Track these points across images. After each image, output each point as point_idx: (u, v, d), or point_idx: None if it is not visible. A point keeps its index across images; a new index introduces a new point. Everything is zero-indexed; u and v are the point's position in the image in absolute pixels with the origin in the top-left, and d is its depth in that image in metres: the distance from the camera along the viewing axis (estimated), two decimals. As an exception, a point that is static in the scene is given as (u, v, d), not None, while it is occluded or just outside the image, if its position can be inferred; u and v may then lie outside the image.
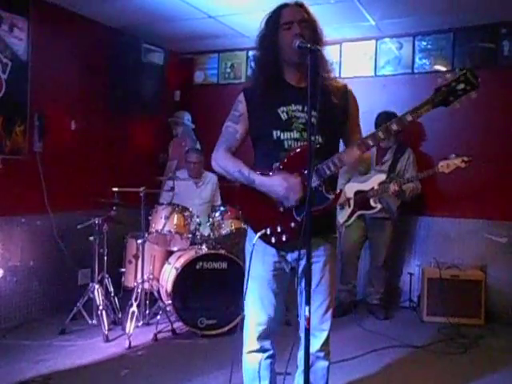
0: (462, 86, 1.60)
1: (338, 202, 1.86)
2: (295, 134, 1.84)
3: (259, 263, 1.90)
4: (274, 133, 1.85)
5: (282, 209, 1.82)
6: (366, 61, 4.56)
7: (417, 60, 4.39)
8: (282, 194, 1.77)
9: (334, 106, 1.83)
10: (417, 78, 4.37)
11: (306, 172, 1.77)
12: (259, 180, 1.82)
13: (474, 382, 2.86)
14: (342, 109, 1.88)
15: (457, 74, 1.61)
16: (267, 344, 1.97)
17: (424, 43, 4.36)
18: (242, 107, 1.92)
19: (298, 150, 1.81)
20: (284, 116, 1.86)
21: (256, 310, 1.92)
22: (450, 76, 1.61)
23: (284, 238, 1.83)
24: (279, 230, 1.83)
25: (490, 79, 4.09)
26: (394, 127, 1.72)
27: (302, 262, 1.88)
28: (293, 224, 1.82)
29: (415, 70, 4.39)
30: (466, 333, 3.60)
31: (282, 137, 1.85)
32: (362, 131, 1.98)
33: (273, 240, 1.84)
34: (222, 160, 1.92)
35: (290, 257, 1.91)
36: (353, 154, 1.76)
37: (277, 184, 1.78)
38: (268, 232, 1.84)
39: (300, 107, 1.86)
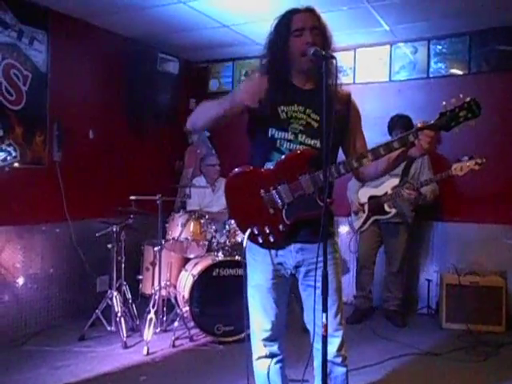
0: (464, 112, 1.66)
1: (328, 209, 1.83)
2: (290, 135, 1.83)
3: (258, 272, 1.90)
4: (270, 130, 1.84)
5: (271, 210, 1.81)
6: (380, 66, 4.55)
7: (432, 64, 4.36)
8: (238, 94, 1.75)
9: (335, 113, 1.77)
10: (432, 83, 4.33)
11: (300, 178, 1.77)
12: (222, 97, 1.81)
13: (496, 390, 2.81)
14: (342, 117, 1.85)
15: (461, 102, 1.66)
16: (275, 349, 1.97)
17: (439, 47, 4.33)
18: None
19: (291, 154, 1.80)
20: (283, 115, 1.84)
21: (259, 317, 1.93)
22: (455, 101, 1.67)
23: (272, 239, 1.83)
24: (267, 231, 1.82)
25: (507, 82, 4.07)
26: (396, 145, 1.73)
27: (302, 269, 1.89)
28: (281, 226, 1.81)
29: (430, 75, 4.36)
30: (487, 340, 3.53)
31: (276, 135, 1.84)
32: (365, 139, 1.96)
33: (260, 240, 1.84)
34: (196, 108, 1.94)
35: (290, 264, 1.89)
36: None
37: (238, 88, 1.78)
38: (255, 231, 1.83)
39: (302, 108, 1.85)
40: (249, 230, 1.83)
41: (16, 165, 2.17)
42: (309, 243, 1.81)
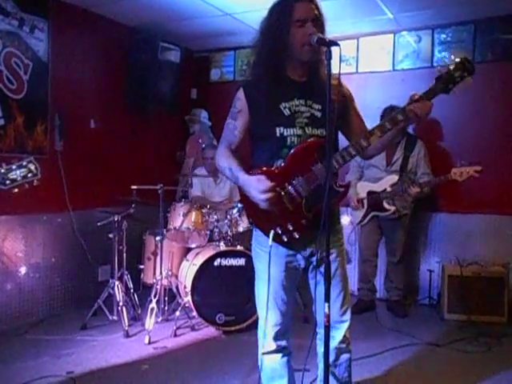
0: (459, 72, 1.73)
1: (346, 195, 1.84)
2: (298, 131, 1.82)
3: (271, 265, 1.86)
4: (277, 130, 1.82)
5: (291, 207, 1.79)
6: (383, 55, 4.50)
7: (436, 53, 4.31)
8: (252, 195, 1.73)
9: (334, 101, 1.73)
10: (436, 72, 4.28)
11: (313, 168, 1.76)
12: (242, 178, 1.78)
13: (497, 381, 2.80)
14: (340, 103, 1.82)
15: (453, 62, 1.74)
16: (283, 343, 1.96)
17: (443, 36, 4.28)
18: (240, 104, 1.88)
19: (299, 147, 1.79)
20: (286, 112, 1.83)
21: (270, 311, 1.90)
22: (449, 64, 1.75)
23: (296, 236, 1.80)
24: (290, 228, 1.80)
25: (512, 72, 4.02)
26: (400, 117, 1.76)
27: (315, 258, 1.87)
28: (304, 221, 1.80)
29: (435, 64, 4.32)
30: (489, 331, 3.53)
31: (285, 133, 1.82)
32: (362, 118, 1.99)
33: (285, 239, 1.81)
34: (220, 157, 1.90)
35: (302, 255, 1.89)
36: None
37: (250, 185, 1.73)
38: (279, 231, 1.80)
39: (303, 101, 1.84)
40: (272, 232, 1.79)
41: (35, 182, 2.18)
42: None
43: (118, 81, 4.38)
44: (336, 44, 1.62)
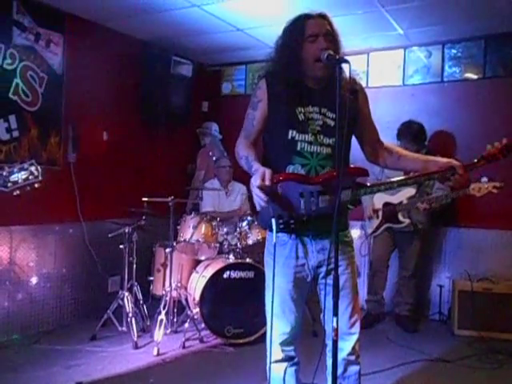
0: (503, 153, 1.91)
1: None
2: (310, 137, 1.84)
3: (279, 275, 1.87)
4: (290, 132, 1.84)
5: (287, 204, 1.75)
6: (393, 70, 4.53)
7: (446, 68, 4.33)
8: (251, 182, 1.66)
9: (346, 109, 1.71)
10: (446, 87, 4.30)
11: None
12: (255, 167, 1.73)
13: (509, 399, 2.77)
14: (353, 110, 1.85)
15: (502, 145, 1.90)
16: (291, 352, 1.96)
17: (454, 51, 4.30)
18: (260, 93, 1.89)
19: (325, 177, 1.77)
20: (301, 117, 1.85)
21: (277, 320, 1.90)
22: (498, 144, 1.91)
23: (292, 225, 1.78)
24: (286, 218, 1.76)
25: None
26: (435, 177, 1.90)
27: (323, 269, 1.88)
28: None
29: (445, 79, 4.33)
30: (500, 348, 3.48)
31: (296, 137, 1.84)
32: (375, 124, 2.02)
33: (281, 226, 1.77)
34: (239, 145, 1.90)
35: (311, 265, 1.89)
36: None
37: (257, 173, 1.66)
38: (281, 221, 1.76)
39: (317, 109, 1.86)
40: (273, 220, 1.72)
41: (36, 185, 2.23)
42: (329, 238, 1.76)
43: (131, 94, 4.45)
44: (346, 61, 1.64)
